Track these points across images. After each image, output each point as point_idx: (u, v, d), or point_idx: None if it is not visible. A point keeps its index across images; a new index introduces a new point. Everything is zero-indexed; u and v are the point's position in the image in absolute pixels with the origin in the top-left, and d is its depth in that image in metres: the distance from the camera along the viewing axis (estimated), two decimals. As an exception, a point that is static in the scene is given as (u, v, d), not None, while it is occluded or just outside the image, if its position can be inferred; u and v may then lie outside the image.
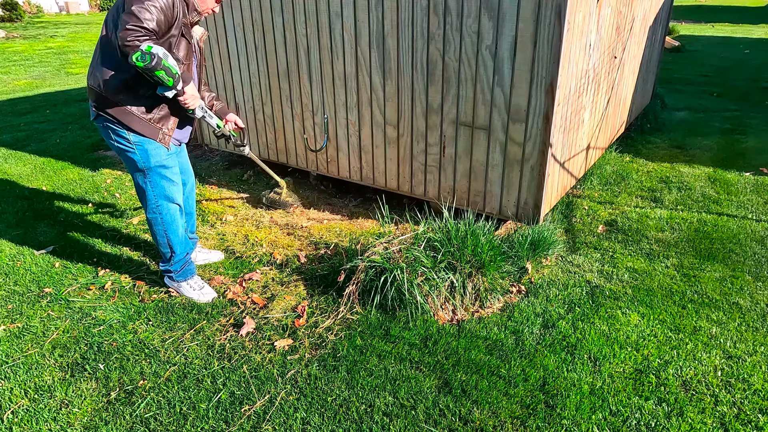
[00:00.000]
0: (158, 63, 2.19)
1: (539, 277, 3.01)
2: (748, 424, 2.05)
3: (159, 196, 2.64)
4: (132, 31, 2.18)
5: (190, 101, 2.47)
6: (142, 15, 2.18)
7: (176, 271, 2.81)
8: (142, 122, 2.47)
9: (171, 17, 2.29)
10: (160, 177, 2.60)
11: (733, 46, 12.51)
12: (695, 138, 5.52)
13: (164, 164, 2.60)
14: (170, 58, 2.24)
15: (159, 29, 2.24)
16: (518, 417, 2.09)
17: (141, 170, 2.58)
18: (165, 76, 2.25)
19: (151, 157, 2.55)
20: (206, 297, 2.84)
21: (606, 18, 3.49)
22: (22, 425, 2.08)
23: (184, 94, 2.43)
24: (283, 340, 2.52)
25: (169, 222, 2.70)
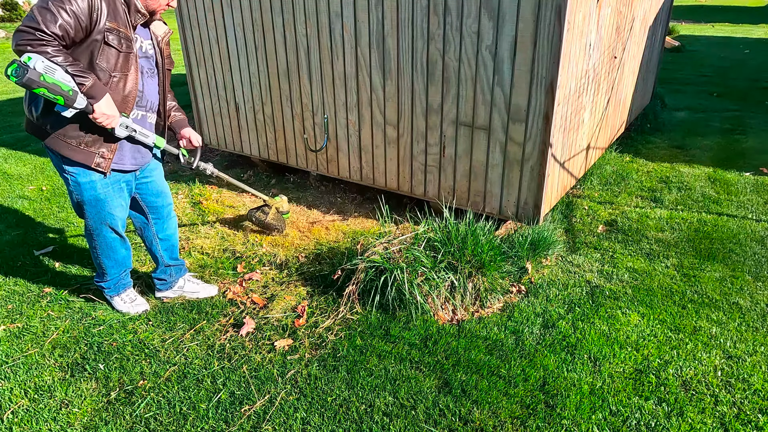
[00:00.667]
0: (33, 79, 1.85)
1: (539, 277, 3.01)
2: (748, 424, 2.05)
3: (95, 227, 2.42)
4: (25, 33, 1.87)
5: (102, 120, 2.09)
6: (42, 16, 1.88)
7: (108, 288, 2.68)
8: (70, 147, 2.18)
9: (87, 20, 1.97)
10: (96, 211, 2.36)
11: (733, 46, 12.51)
12: (695, 138, 5.52)
13: (100, 198, 2.32)
14: (58, 73, 1.91)
15: (66, 34, 1.93)
16: (518, 417, 2.09)
17: (76, 201, 2.34)
18: (48, 94, 1.91)
19: (84, 191, 2.28)
20: (135, 309, 2.72)
21: (606, 18, 3.49)
22: (22, 425, 2.08)
23: (94, 112, 2.07)
24: (283, 340, 2.52)
25: (105, 249, 2.51)
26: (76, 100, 1.99)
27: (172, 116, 2.61)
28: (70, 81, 1.95)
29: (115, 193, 2.38)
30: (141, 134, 2.32)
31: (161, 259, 2.74)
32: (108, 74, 2.12)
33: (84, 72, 2.01)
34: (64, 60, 1.94)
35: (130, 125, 2.25)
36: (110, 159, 2.26)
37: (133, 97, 2.24)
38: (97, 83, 2.05)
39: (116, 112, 2.14)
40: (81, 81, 2.00)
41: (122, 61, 2.14)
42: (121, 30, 2.10)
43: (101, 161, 2.24)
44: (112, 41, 2.07)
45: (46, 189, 4.33)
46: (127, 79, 2.19)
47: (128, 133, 2.25)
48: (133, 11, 2.14)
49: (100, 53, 2.08)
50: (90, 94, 2.04)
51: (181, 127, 2.63)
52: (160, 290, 2.83)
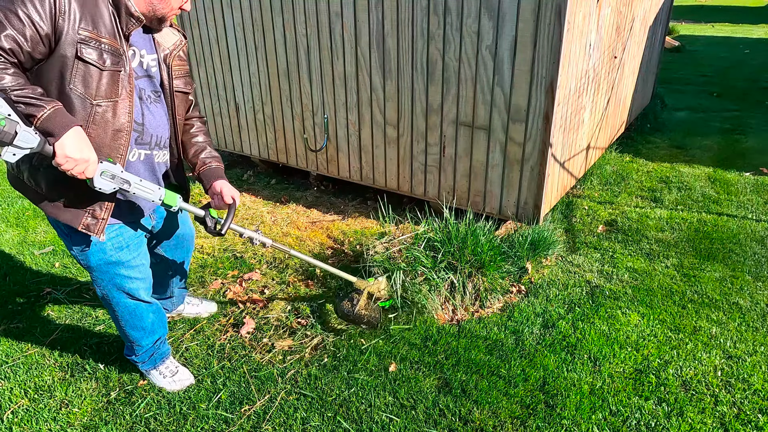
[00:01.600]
0: None
1: (539, 277, 3.01)
2: (748, 424, 2.05)
3: (112, 295, 1.93)
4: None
5: (68, 167, 1.47)
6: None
7: (142, 362, 2.20)
8: (52, 203, 1.67)
9: (49, 26, 1.45)
10: (110, 277, 1.87)
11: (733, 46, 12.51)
12: (695, 138, 5.52)
13: (113, 261, 1.83)
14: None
15: (18, 47, 1.42)
16: (518, 417, 2.09)
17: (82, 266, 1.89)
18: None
19: (90, 254, 1.79)
20: (179, 384, 2.22)
21: (606, 18, 3.49)
22: (22, 425, 2.08)
23: (56, 155, 1.45)
24: (283, 340, 2.52)
25: (128, 319, 2.01)
26: (17, 136, 1.37)
27: (200, 162, 1.98)
28: (3, 107, 1.35)
29: (133, 250, 1.86)
30: (139, 187, 1.65)
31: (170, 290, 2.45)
32: (89, 102, 1.56)
33: (39, 98, 1.43)
34: (10, 81, 1.39)
35: (118, 174, 1.58)
36: (105, 219, 1.71)
37: (128, 131, 1.65)
38: (59, 113, 1.45)
39: (91, 154, 1.50)
40: (31, 111, 1.41)
41: (107, 83, 1.57)
42: (104, 40, 1.54)
43: (92, 222, 1.69)
44: (89, 56, 1.52)
45: (46, 189, 4.33)
46: (116, 108, 1.61)
47: (116, 186, 1.59)
48: (124, 15, 1.59)
49: (73, 73, 1.52)
50: (46, 129, 1.43)
51: (213, 178, 1.95)
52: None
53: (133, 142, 1.72)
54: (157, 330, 2.13)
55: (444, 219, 3.01)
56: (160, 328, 2.15)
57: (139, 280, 1.94)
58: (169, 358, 2.28)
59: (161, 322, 2.15)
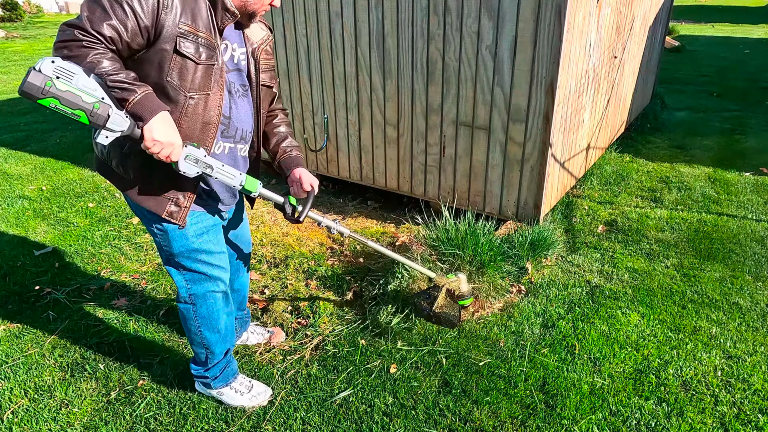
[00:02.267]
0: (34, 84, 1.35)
1: (539, 277, 3.01)
2: (748, 424, 2.05)
3: (193, 284, 1.91)
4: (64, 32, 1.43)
5: (155, 149, 1.51)
6: (90, 11, 1.44)
7: (213, 377, 2.10)
8: (137, 190, 1.71)
9: (152, 20, 1.49)
10: (192, 262, 1.86)
11: (733, 46, 12.51)
12: (695, 138, 5.52)
13: (195, 248, 1.83)
14: (78, 78, 1.39)
15: (117, 35, 1.46)
16: (518, 417, 2.09)
17: (164, 253, 1.86)
18: (62, 108, 1.39)
19: (173, 240, 1.80)
20: (259, 399, 2.15)
21: (606, 18, 3.49)
22: (22, 425, 2.08)
23: (144, 139, 1.49)
24: (283, 341, 2.52)
25: (206, 316, 1.97)
26: (110, 118, 1.43)
27: (281, 151, 1.99)
28: (97, 90, 1.41)
29: (212, 238, 1.87)
30: (221, 172, 1.67)
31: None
32: (183, 95, 1.60)
33: (131, 82, 1.47)
34: (108, 65, 1.43)
35: (201, 159, 1.61)
36: (187, 208, 1.73)
37: (216, 124, 1.68)
38: (149, 98, 1.49)
39: (177, 138, 1.54)
40: (124, 95, 1.45)
41: (201, 76, 1.61)
42: (201, 34, 1.57)
43: (175, 210, 1.72)
44: (186, 50, 1.55)
45: (46, 189, 4.33)
46: (207, 101, 1.65)
47: (199, 170, 1.62)
48: (220, 10, 1.62)
49: (171, 66, 1.56)
50: (135, 113, 1.47)
51: (291, 165, 1.97)
52: None
53: (219, 135, 1.75)
54: (228, 337, 2.07)
55: (444, 219, 3.01)
56: (231, 336, 2.09)
57: (221, 269, 1.93)
58: (240, 374, 2.20)
59: (232, 330, 2.10)
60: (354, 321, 2.64)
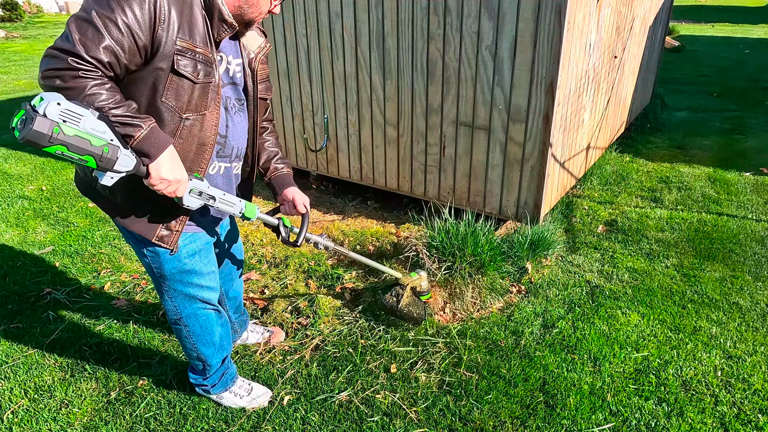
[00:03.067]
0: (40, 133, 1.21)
1: (539, 277, 3.01)
2: (748, 424, 2.05)
3: (183, 306, 1.85)
4: (54, 59, 1.27)
5: (161, 187, 1.43)
6: (81, 32, 1.27)
7: (212, 384, 2.09)
8: (128, 215, 1.61)
9: (148, 37, 1.35)
10: (183, 285, 1.80)
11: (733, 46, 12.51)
12: (695, 138, 5.52)
13: (187, 269, 1.76)
14: (85, 121, 1.26)
15: (115, 59, 1.32)
16: (518, 417, 2.09)
17: (154, 276, 1.79)
18: (69, 154, 1.28)
19: (165, 262, 1.72)
20: (259, 401, 2.14)
21: (606, 18, 3.49)
22: (22, 425, 2.08)
23: (150, 176, 1.40)
24: (283, 341, 2.52)
25: (200, 333, 1.92)
26: (118, 160, 1.33)
27: (272, 168, 1.92)
28: (106, 132, 1.29)
29: (203, 258, 1.79)
30: (222, 201, 1.63)
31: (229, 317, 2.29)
32: (178, 116, 1.47)
33: (135, 117, 1.35)
34: (107, 98, 1.31)
35: (205, 191, 1.55)
36: (179, 232, 1.65)
37: (212, 145, 1.58)
38: (155, 132, 1.38)
39: (184, 175, 1.46)
40: (129, 131, 1.34)
41: (198, 96, 1.48)
42: (198, 50, 1.44)
43: (165, 234, 1.63)
44: (184, 69, 1.42)
45: (46, 189, 4.33)
46: (204, 122, 1.53)
47: (202, 201, 1.56)
48: (217, 22, 1.47)
49: (166, 87, 1.42)
50: (142, 150, 1.36)
51: (284, 185, 1.91)
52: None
53: (214, 155, 1.65)
54: (225, 346, 2.04)
55: (443, 219, 3.01)
56: (227, 344, 2.06)
57: (211, 290, 1.87)
58: (239, 378, 2.19)
59: (228, 338, 2.06)
60: (354, 321, 2.64)
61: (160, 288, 1.82)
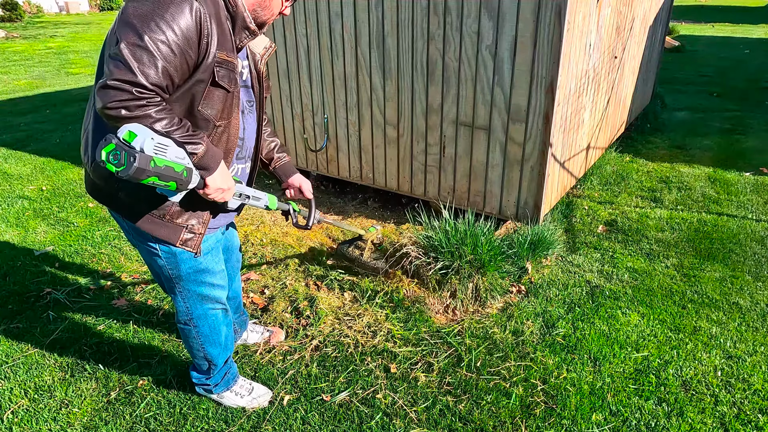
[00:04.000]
0: (142, 169, 1.29)
1: (539, 277, 3.01)
2: (748, 424, 2.05)
3: (195, 307, 1.88)
4: (116, 91, 1.28)
5: (215, 195, 1.53)
6: (137, 59, 1.29)
7: (215, 384, 2.11)
8: (149, 219, 1.62)
9: (195, 52, 1.38)
10: (196, 285, 1.82)
11: (733, 46, 12.51)
12: (695, 138, 5.52)
13: (201, 268, 1.79)
14: (170, 150, 1.34)
15: (170, 82, 1.37)
16: (518, 417, 2.09)
17: (167, 278, 1.80)
18: (158, 183, 1.36)
19: (181, 262, 1.74)
20: (260, 401, 2.15)
21: (606, 18, 3.49)
22: (22, 425, 2.08)
23: (207, 187, 1.50)
24: (283, 341, 2.52)
25: (208, 333, 1.95)
26: (191, 180, 1.42)
27: (276, 158, 2.02)
28: (185, 158, 1.38)
29: (215, 255, 1.84)
30: (254, 197, 1.77)
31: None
32: (212, 125, 1.53)
33: (193, 135, 1.41)
34: (169, 123, 1.35)
35: (243, 191, 1.71)
36: (202, 234, 1.70)
37: (233, 148, 1.64)
38: (211, 147, 1.46)
39: (232, 182, 1.58)
40: (192, 149, 1.40)
41: (229, 104, 1.54)
42: (230, 60, 1.48)
43: (189, 237, 1.67)
44: (221, 79, 1.46)
45: (46, 189, 4.33)
46: (230, 127, 1.59)
47: (241, 201, 1.71)
48: (240, 29, 1.51)
49: (204, 97, 1.46)
50: (202, 164, 1.44)
51: (289, 173, 2.04)
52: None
53: (234, 158, 1.71)
54: (229, 345, 2.07)
55: (443, 219, 3.00)
56: (231, 343, 2.09)
57: (222, 288, 1.91)
58: (240, 377, 2.20)
59: (232, 338, 2.09)
60: (354, 321, 2.64)
61: (173, 289, 1.83)
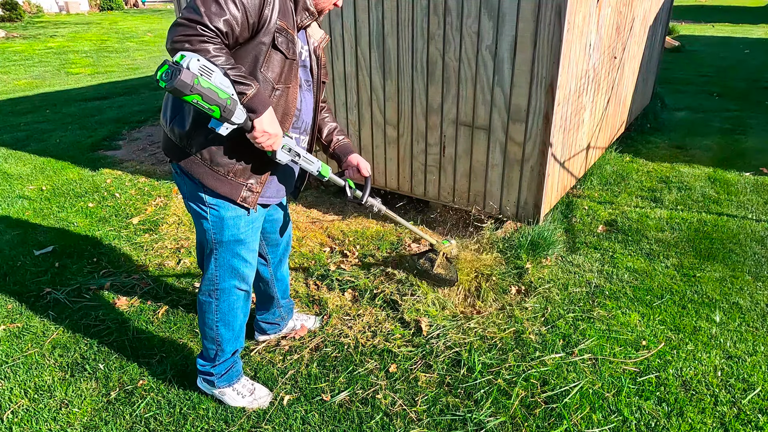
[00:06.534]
0: (185, 82, 1.46)
1: (539, 277, 3.01)
2: (748, 424, 2.05)
3: (223, 278, 1.97)
4: (183, 27, 1.50)
5: (263, 140, 1.67)
6: (206, 6, 1.51)
7: (219, 375, 2.12)
8: (214, 176, 1.77)
9: (257, 16, 1.59)
10: (232, 255, 1.93)
11: (733, 46, 12.51)
12: (695, 138, 5.52)
13: (241, 239, 1.92)
14: (215, 75, 1.51)
15: (231, 30, 1.55)
16: (518, 417, 2.09)
17: (209, 241, 1.91)
18: (202, 103, 1.51)
19: (226, 228, 1.87)
20: (260, 402, 2.16)
21: (606, 18, 3.49)
22: (22, 425, 2.08)
23: (254, 130, 1.64)
24: (283, 340, 2.52)
25: (226, 312, 2.02)
26: (235, 113, 1.57)
27: (335, 140, 2.15)
28: (229, 87, 1.54)
29: (255, 233, 1.97)
30: (305, 160, 1.87)
31: (276, 300, 2.40)
32: (271, 87, 1.71)
33: (246, 78, 1.59)
34: (225, 61, 1.54)
35: (293, 147, 1.80)
36: (258, 193, 1.85)
37: (292, 115, 1.81)
38: (261, 93, 1.63)
39: (280, 130, 1.70)
40: (242, 89, 1.57)
41: (287, 70, 1.73)
42: (290, 31, 1.69)
43: (248, 195, 1.82)
44: (281, 45, 1.67)
45: (46, 189, 4.33)
46: (288, 94, 1.77)
47: (291, 158, 1.80)
48: (301, 9, 1.73)
49: (266, 60, 1.67)
50: (251, 106, 1.61)
51: (347, 152, 2.14)
52: (268, 333, 2.51)
53: (291, 127, 1.87)
54: (240, 336, 2.13)
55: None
56: (242, 337, 2.15)
57: (251, 266, 2.01)
58: (243, 377, 2.22)
59: (243, 332, 2.15)
60: (354, 320, 2.64)
61: (209, 255, 1.94)
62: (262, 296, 2.39)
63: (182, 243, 3.43)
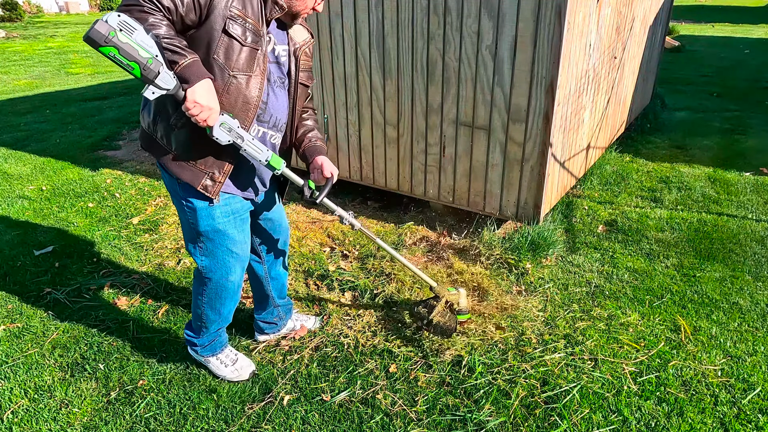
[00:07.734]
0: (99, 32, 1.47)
1: (539, 276, 3.01)
2: (748, 424, 2.05)
3: (210, 268, 2.01)
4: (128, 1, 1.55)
5: (194, 111, 1.62)
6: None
7: (202, 345, 2.24)
8: (177, 162, 1.82)
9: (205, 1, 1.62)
10: (214, 246, 1.96)
11: (733, 46, 12.51)
12: (695, 138, 5.52)
13: (219, 229, 1.93)
14: (137, 34, 1.50)
15: (174, 7, 1.58)
16: (518, 417, 2.09)
17: (190, 231, 1.95)
18: (119, 58, 1.50)
19: (200, 218, 1.89)
20: (241, 373, 2.26)
21: (606, 18, 3.49)
22: (22, 425, 2.08)
23: (186, 100, 1.60)
24: (283, 340, 2.52)
25: (213, 299, 2.09)
26: (159, 75, 1.55)
27: (306, 140, 2.10)
28: (153, 47, 1.53)
29: (238, 225, 1.98)
30: (250, 145, 1.79)
31: (271, 299, 2.40)
32: (227, 73, 1.71)
33: (183, 48, 1.59)
34: (165, 32, 1.55)
35: (234, 129, 1.73)
36: (221, 183, 1.85)
37: (255, 106, 1.80)
38: (196, 64, 1.61)
39: (215, 105, 1.66)
40: (174, 58, 1.57)
41: (246, 58, 1.72)
42: (249, 20, 1.69)
43: (209, 184, 1.83)
44: (234, 31, 1.67)
45: (46, 189, 4.33)
46: (249, 83, 1.76)
47: (231, 139, 1.74)
48: (270, 2, 1.74)
49: (218, 45, 1.68)
50: (183, 75, 1.59)
51: (315, 154, 2.08)
52: (267, 333, 2.51)
53: (255, 119, 1.86)
54: (227, 318, 2.21)
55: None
56: (229, 318, 2.23)
57: (238, 258, 2.03)
58: (228, 348, 2.31)
59: (231, 314, 2.22)
60: (354, 320, 2.64)
61: (193, 245, 1.98)
62: (258, 295, 2.42)
63: (182, 243, 3.43)
